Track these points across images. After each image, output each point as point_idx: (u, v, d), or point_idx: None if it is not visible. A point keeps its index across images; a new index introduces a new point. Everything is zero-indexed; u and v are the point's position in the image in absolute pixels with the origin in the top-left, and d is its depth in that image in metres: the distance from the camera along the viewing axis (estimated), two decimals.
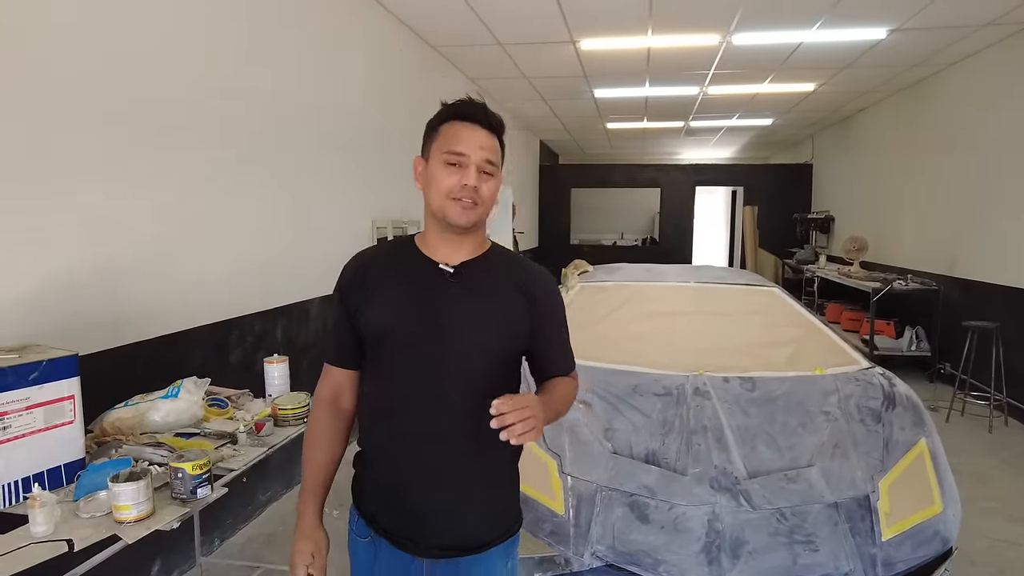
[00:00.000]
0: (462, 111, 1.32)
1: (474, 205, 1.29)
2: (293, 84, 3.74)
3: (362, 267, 1.39)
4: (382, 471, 1.35)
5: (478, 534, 1.34)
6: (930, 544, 2.26)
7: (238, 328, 3.30)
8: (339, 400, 1.43)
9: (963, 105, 6.22)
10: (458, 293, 1.31)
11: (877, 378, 2.90)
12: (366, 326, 1.33)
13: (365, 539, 1.38)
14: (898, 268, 7.22)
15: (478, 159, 1.29)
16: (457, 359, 1.29)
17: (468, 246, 1.35)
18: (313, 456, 1.42)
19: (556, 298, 1.44)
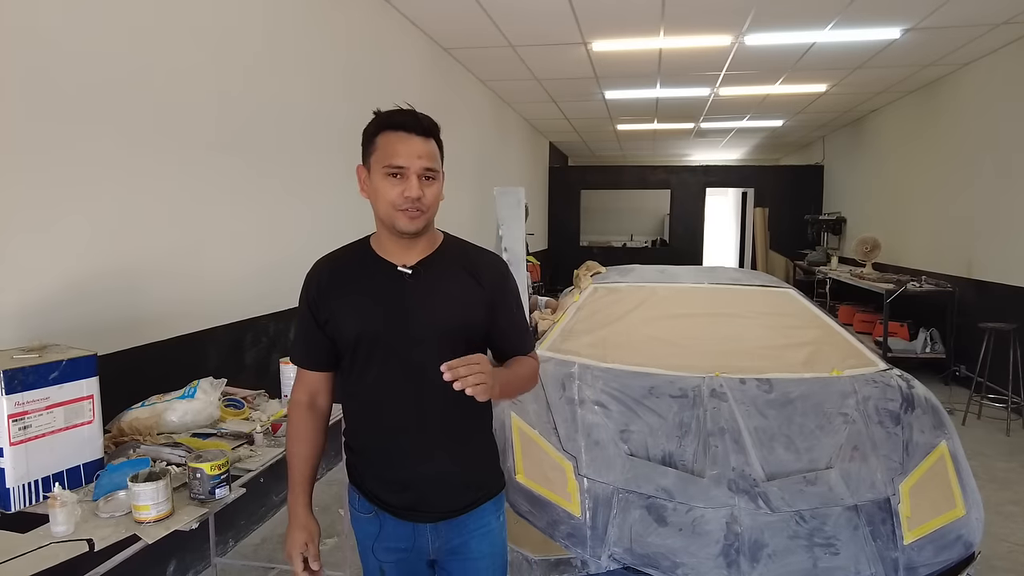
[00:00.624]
0: (394, 121, 1.38)
1: (419, 213, 1.36)
2: (307, 89, 3.75)
3: (325, 276, 1.47)
4: (373, 458, 1.48)
5: (468, 496, 1.49)
6: (953, 548, 2.23)
7: (253, 329, 3.30)
8: (315, 401, 1.54)
9: (979, 105, 6.16)
10: (417, 288, 1.41)
11: (895, 380, 2.88)
12: (338, 333, 1.43)
13: (368, 514, 1.50)
14: (911, 269, 7.16)
15: (417, 168, 1.35)
16: (426, 347, 1.38)
17: (421, 245, 1.45)
18: (297, 450, 1.53)
19: (508, 281, 1.54)
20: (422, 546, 1.48)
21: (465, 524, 1.48)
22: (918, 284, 6.43)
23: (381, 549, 1.49)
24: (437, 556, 1.51)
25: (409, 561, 1.50)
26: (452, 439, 1.45)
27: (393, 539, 1.48)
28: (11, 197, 2.05)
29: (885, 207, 8.38)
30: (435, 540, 1.48)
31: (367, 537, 1.51)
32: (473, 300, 1.45)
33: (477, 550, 1.50)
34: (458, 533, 1.48)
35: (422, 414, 1.42)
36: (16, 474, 1.66)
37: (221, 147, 3.03)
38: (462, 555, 1.50)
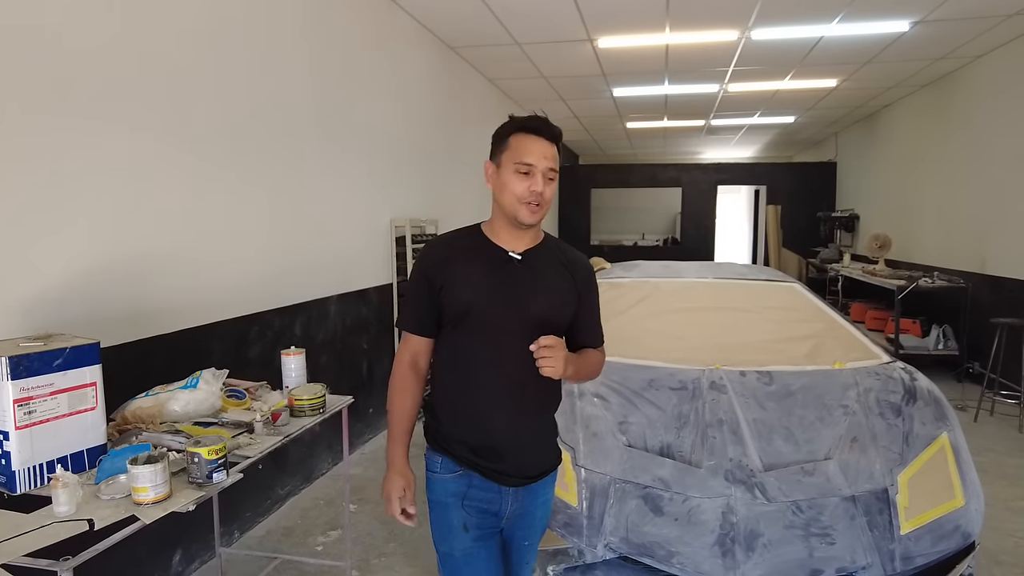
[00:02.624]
0: (529, 125, 1.57)
1: (540, 207, 1.57)
2: (312, 85, 3.80)
3: (445, 250, 1.64)
4: (465, 423, 1.62)
5: (545, 464, 1.70)
6: (951, 538, 2.22)
7: (258, 324, 3.35)
8: (417, 363, 1.68)
9: (991, 98, 6.09)
10: (524, 274, 1.61)
11: (898, 372, 2.86)
12: (452, 301, 1.58)
13: (456, 473, 1.62)
14: (924, 266, 7.09)
15: (543, 167, 1.55)
16: (523, 326, 1.56)
17: (529, 236, 1.64)
18: (400, 403, 1.66)
19: (593, 279, 1.77)
20: (502, 510, 1.64)
21: (536, 492, 1.68)
22: (930, 280, 6.36)
23: (468, 505, 1.61)
24: (507, 522, 1.67)
25: (487, 525, 1.64)
26: (537, 412, 1.66)
27: (480, 499, 1.62)
28: (19, 192, 2.11)
29: (898, 203, 8.30)
30: (513, 504, 1.64)
31: (453, 495, 1.62)
32: (567, 291, 1.66)
33: (537, 516, 1.72)
34: (531, 500, 1.67)
35: (512, 386, 1.59)
36: (21, 457, 1.71)
37: (227, 146, 3.08)
38: (527, 520, 1.69)
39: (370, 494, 3.69)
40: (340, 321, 4.15)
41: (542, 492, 1.71)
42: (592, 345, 1.76)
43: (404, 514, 1.64)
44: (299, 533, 3.28)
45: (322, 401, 2.41)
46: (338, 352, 4.14)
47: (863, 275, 7.40)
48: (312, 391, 2.41)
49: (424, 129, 5.47)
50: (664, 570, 2.20)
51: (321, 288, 3.94)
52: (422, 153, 5.41)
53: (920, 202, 7.62)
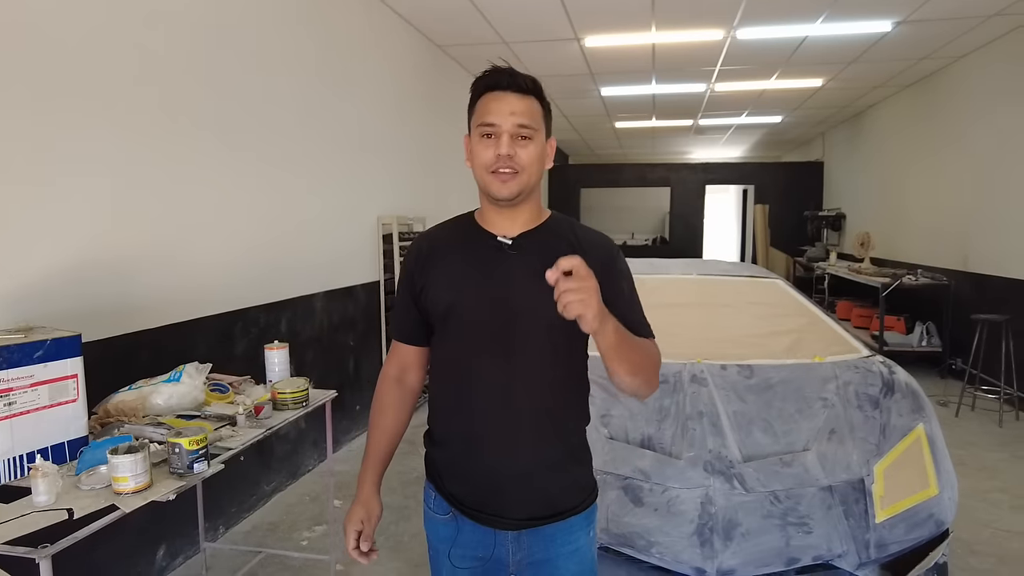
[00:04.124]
0: (489, 82, 1.30)
1: (513, 174, 1.27)
2: (298, 83, 3.81)
3: (426, 245, 1.40)
4: (457, 446, 1.36)
5: (559, 500, 1.35)
6: (924, 526, 2.25)
7: (243, 320, 3.36)
8: (405, 377, 1.46)
9: (974, 98, 6.17)
10: (517, 264, 1.31)
11: (877, 366, 2.89)
12: (431, 303, 1.34)
13: (445, 516, 1.38)
14: (909, 264, 7.16)
15: (509, 126, 1.26)
16: (521, 328, 1.29)
17: (524, 216, 1.35)
18: (377, 422, 1.44)
19: (617, 261, 1.38)
20: (501, 556, 1.34)
21: (552, 537, 1.34)
22: (914, 278, 6.44)
23: (458, 556, 1.37)
24: (519, 569, 1.36)
25: (486, 571, 1.37)
26: (541, 432, 1.32)
27: (471, 546, 1.36)
28: (2, 186, 2.11)
29: (883, 202, 8.39)
30: (516, 552, 1.34)
31: (442, 541, 1.39)
32: None
33: (564, 568, 1.36)
34: (543, 547, 1.34)
35: (508, 400, 1.30)
36: (1, 448, 1.72)
37: (214, 141, 3.09)
38: (547, 571, 1.36)
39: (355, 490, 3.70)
40: (326, 318, 4.15)
41: (564, 538, 1.35)
42: None
43: (358, 551, 1.39)
44: (284, 528, 3.29)
45: (305, 395, 2.42)
46: (324, 349, 4.15)
47: (849, 273, 7.47)
48: (295, 384, 2.42)
49: (412, 127, 5.48)
50: (644, 560, 2.23)
51: (307, 285, 3.95)
52: (409, 151, 5.43)
53: (905, 201, 7.70)
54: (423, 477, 1.45)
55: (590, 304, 1.07)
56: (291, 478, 3.81)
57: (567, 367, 1.37)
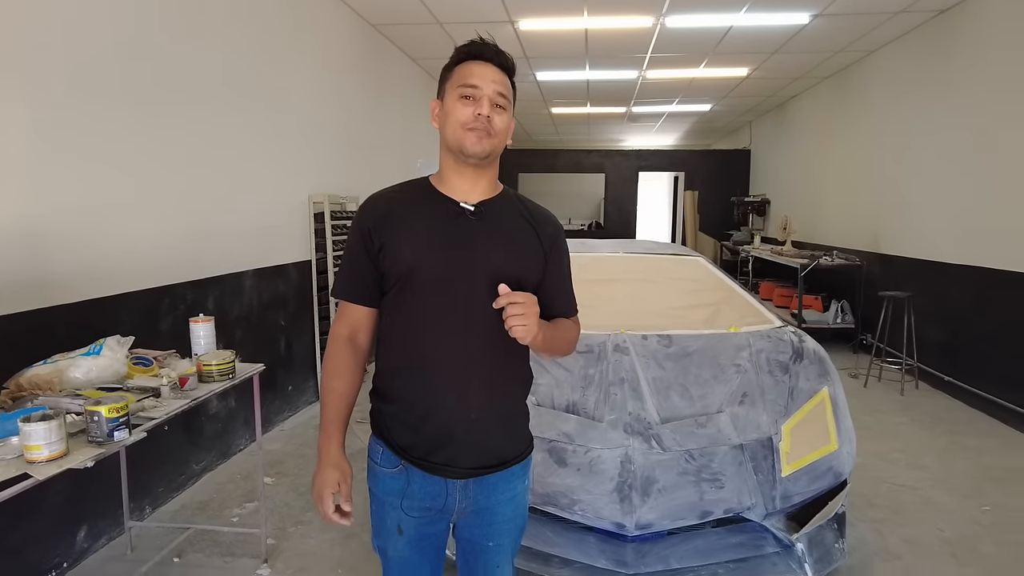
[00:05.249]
0: (475, 51, 1.38)
1: (488, 135, 1.34)
2: (226, 56, 3.72)
3: (383, 206, 1.41)
4: (410, 402, 1.39)
5: (505, 451, 1.44)
6: (824, 478, 2.43)
7: (169, 296, 3.28)
8: (356, 338, 1.46)
9: (883, 91, 6.55)
10: (479, 229, 1.38)
11: (788, 335, 3.08)
12: (392, 263, 1.36)
13: (394, 469, 1.41)
14: (826, 246, 7.56)
15: (490, 91, 1.34)
16: (479, 289, 1.35)
17: (484, 184, 1.42)
18: (334, 386, 1.43)
19: (562, 239, 1.52)
20: (449, 506, 1.42)
21: (495, 485, 1.44)
22: (830, 259, 6.81)
23: (408, 507, 1.41)
24: (460, 517, 1.45)
25: (432, 521, 1.44)
26: (493, 389, 1.40)
27: (421, 496, 1.41)
28: None
29: (804, 188, 8.80)
30: (462, 500, 1.42)
31: (391, 494, 1.42)
32: (532, 250, 1.43)
33: (501, 514, 1.46)
34: (486, 495, 1.43)
35: (466, 358, 1.37)
36: None
37: (136, 114, 3.00)
38: (485, 518, 1.46)
39: (288, 467, 3.69)
40: (256, 296, 4.09)
41: (504, 486, 1.45)
42: (564, 314, 1.52)
43: (339, 512, 1.39)
44: (215, 506, 3.25)
45: (231, 367, 2.41)
46: (254, 328, 4.09)
47: (771, 255, 7.83)
48: (221, 357, 2.41)
49: (344, 106, 5.42)
50: (567, 517, 2.33)
51: (236, 262, 3.88)
52: (342, 130, 5.36)
53: (823, 187, 8.11)
54: (359, 452, 1.46)
55: (531, 329, 1.27)
56: (222, 457, 3.76)
57: None
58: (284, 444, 4.08)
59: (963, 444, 4.13)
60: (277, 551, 2.83)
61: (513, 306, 1.26)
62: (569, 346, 1.53)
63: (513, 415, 1.48)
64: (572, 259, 1.55)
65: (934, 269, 5.45)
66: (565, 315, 1.52)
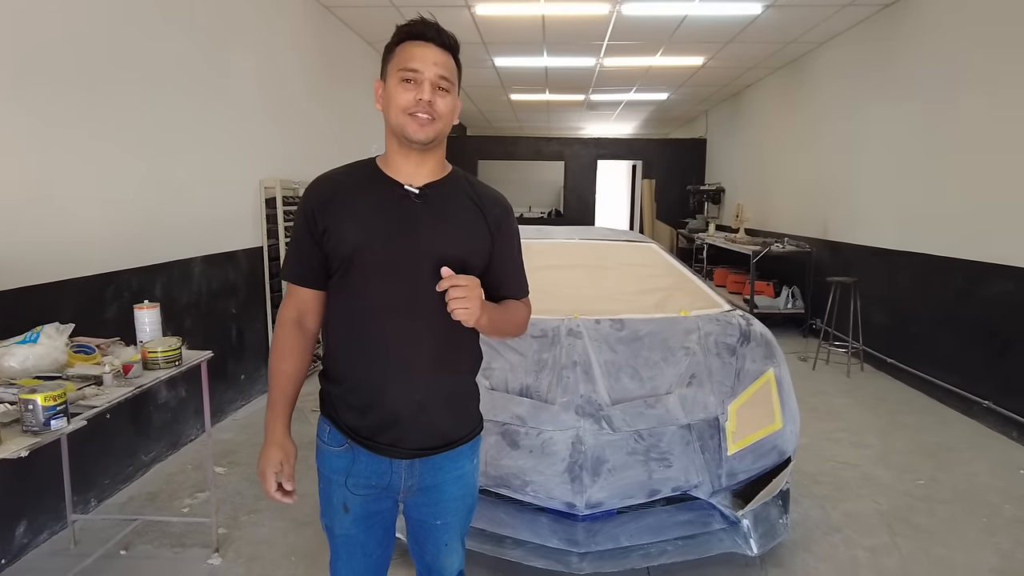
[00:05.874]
0: (415, 30, 1.34)
1: (431, 120, 1.33)
2: (175, 38, 3.60)
3: (328, 188, 1.40)
4: (356, 384, 1.40)
5: (451, 432, 1.45)
6: (768, 456, 2.51)
7: (114, 283, 3.19)
8: (304, 321, 1.45)
9: (832, 82, 6.72)
10: (424, 212, 1.37)
11: (736, 319, 3.16)
12: (336, 245, 1.36)
13: (340, 447, 1.43)
14: (778, 233, 7.75)
15: (432, 75, 1.32)
16: (424, 272, 1.34)
17: (430, 166, 1.40)
18: (281, 367, 1.44)
19: (510, 218, 1.51)
20: (394, 484, 1.43)
21: (441, 465, 1.45)
22: (781, 246, 6.99)
23: (353, 484, 1.43)
24: (408, 494, 1.47)
25: (378, 499, 1.46)
26: (439, 370, 1.41)
27: (366, 475, 1.42)
28: None
29: (758, 177, 8.99)
30: (408, 479, 1.43)
31: (337, 472, 1.44)
32: (478, 232, 1.42)
33: (449, 493, 1.48)
34: (432, 474, 1.45)
35: (412, 340, 1.37)
36: None
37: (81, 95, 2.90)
38: (433, 496, 1.47)
39: (241, 457, 3.64)
40: (206, 284, 4.01)
41: (451, 465, 1.46)
42: (514, 296, 1.53)
43: (281, 491, 1.43)
44: (164, 497, 3.20)
45: (178, 354, 2.36)
46: (204, 316, 4.01)
47: (725, 243, 7.99)
48: (167, 344, 2.36)
49: (298, 90, 5.31)
50: (519, 499, 2.36)
51: (184, 249, 3.79)
52: (296, 114, 5.26)
53: (776, 176, 8.29)
54: (311, 442, 1.49)
55: (473, 312, 1.28)
56: (172, 448, 3.69)
57: None
58: (237, 433, 4.02)
59: (903, 423, 4.31)
60: (229, 540, 2.79)
61: (455, 289, 1.27)
62: (518, 328, 1.54)
63: (461, 396, 1.49)
64: (529, 246, 1.56)
65: (879, 255, 5.64)
66: (515, 297, 1.53)
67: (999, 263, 4.16)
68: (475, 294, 1.29)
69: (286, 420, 1.44)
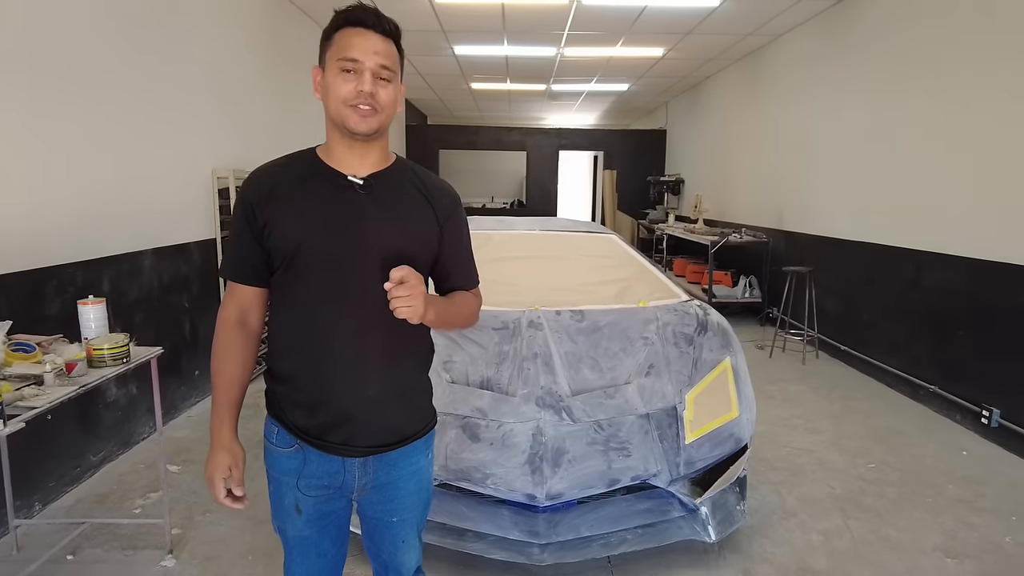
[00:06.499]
0: (354, 16, 1.29)
1: (372, 112, 1.29)
2: (119, 20, 3.46)
3: (268, 181, 1.35)
4: (303, 382, 1.37)
5: (403, 428, 1.42)
6: (725, 444, 2.56)
7: (57, 278, 3.06)
8: (246, 319, 1.40)
9: (788, 75, 6.83)
10: (369, 204, 1.33)
11: (693, 309, 3.20)
12: (278, 240, 1.31)
13: (290, 448, 1.39)
14: (736, 224, 7.88)
15: (372, 64, 1.27)
16: (370, 265, 1.31)
17: (374, 156, 1.36)
18: (225, 369, 1.38)
19: (459, 208, 1.48)
20: (348, 483, 1.41)
21: (395, 461, 1.42)
22: (739, 236, 7.11)
23: (305, 485, 1.40)
24: (361, 493, 1.44)
25: (331, 499, 1.43)
26: (388, 366, 1.38)
27: (318, 475, 1.39)
28: None
29: (717, 168, 9.11)
30: (362, 477, 1.41)
31: (287, 473, 1.40)
32: (425, 222, 1.39)
33: (404, 489, 1.45)
34: (387, 471, 1.42)
35: (359, 335, 1.34)
36: None
37: (14, 79, 2.75)
38: (388, 493, 1.44)
39: (195, 454, 3.55)
40: (156, 277, 3.88)
41: (405, 461, 1.44)
42: (463, 287, 1.50)
43: (231, 497, 1.39)
44: (115, 498, 3.10)
45: (125, 350, 2.28)
46: (155, 310, 3.89)
47: (684, 233, 8.09)
48: (113, 340, 2.27)
49: (252, 78, 5.17)
50: (480, 492, 2.35)
51: (133, 241, 3.66)
52: (250, 102, 5.12)
53: (734, 167, 8.42)
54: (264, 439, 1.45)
55: (417, 310, 1.24)
56: (123, 447, 3.57)
57: None
58: (191, 430, 3.92)
59: (855, 408, 4.43)
60: (183, 541, 2.72)
61: (397, 288, 1.23)
62: (468, 320, 1.52)
63: (413, 391, 1.46)
64: (491, 237, 1.51)
65: (832, 245, 5.78)
66: (464, 287, 1.51)
67: (943, 253, 4.30)
68: (418, 291, 1.25)
69: (232, 423, 1.40)
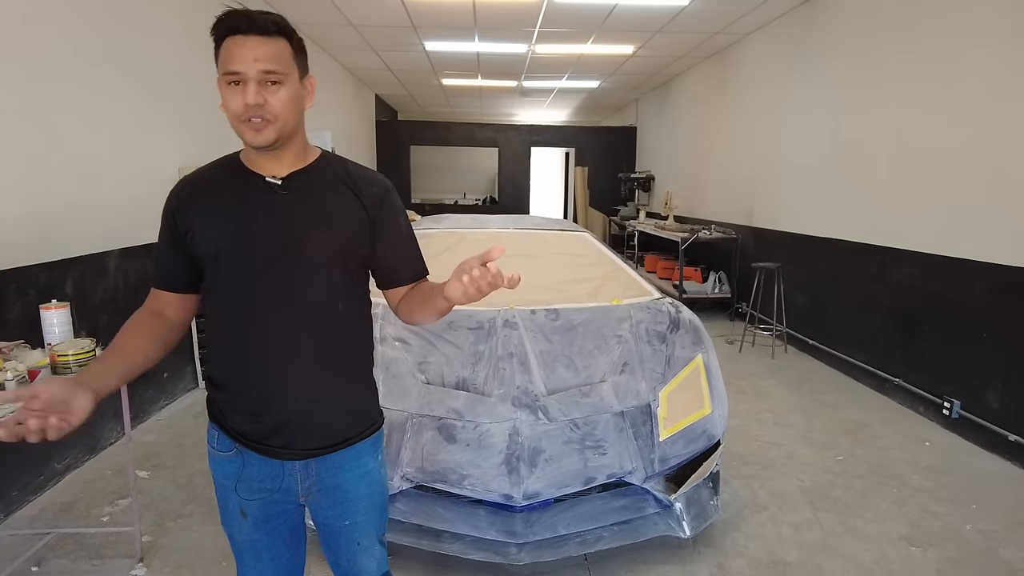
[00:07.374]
0: (229, 25, 1.23)
1: (264, 123, 1.24)
2: (87, 16, 3.36)
3: (187, 189, 1.34)
4: (239, 389, 1.35)
5: (343, 429, 1.40)
6: (699, 440, 2.59)
7: (17, 280, 2.98)
8: (163, 312, 1.37)
9: (756, 73, 6.93)
10: (290, 203, 1.31)
11: (666, 306, 3.23)
12: (199, 247, 1.30)
13: (229, 452, 1.38)
14: (706, 220, 7.98)
15: (254, 73, 1.22)
16: (296, 265, 1.30)
17: (290, 157, 1.33)
18: (124, 336, 1.30)
19: (393, 199, 1.44)
20: (290, 486, 1.39)
21: (340, 464, 1.40)
22: (709, 233, 7.20)
23: (245, 489, 1.38)
24: (308, 496, 1.42)
25: (275, 502, 1.41)
26: (323, 366, 1.35)
27: (258, 479, 1.38)
28: None
29: (687, 165, 9.21)
30: (305, 479, 1.39)
31: (228, 477, 1.39)
32: (352, 216, 1.36)
33: (354, 492, 1.43)
34: (332, 473, 1.40)
35: (289, 340, 1.32)
36: None
37: None
38: (337, 496, 1.42)
39: (166, 459, 3.48)
40: (123, 278, 3.80)
41: (352, 464, 1.42)
42: (412, 279, 1.46)
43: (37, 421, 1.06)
44: (81, 507, 3.02)
45: (92, 355, 2.23)
46: (122, 313, 3.80)
47: (655, 230, 8.16)
48: (79, 346, 2.22)
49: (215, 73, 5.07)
50: (457, 493, 2.35)
51: (99, 242, 3.57)
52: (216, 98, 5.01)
53: (704, 164, 8.52)
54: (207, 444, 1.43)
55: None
56: (89, 453, 3.49)
57: (343, 301, 1.38)
58: (160, 435, 3.85)
59: (823, 401, 4.53)
60: (154, 548, 2.67)
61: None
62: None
63: (353, 393, 1.44)
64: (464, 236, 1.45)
65: (799, 241, 5.88)
66: (413, 279, 1.46)
67: (906, 249, 4.41)
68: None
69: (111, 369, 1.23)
